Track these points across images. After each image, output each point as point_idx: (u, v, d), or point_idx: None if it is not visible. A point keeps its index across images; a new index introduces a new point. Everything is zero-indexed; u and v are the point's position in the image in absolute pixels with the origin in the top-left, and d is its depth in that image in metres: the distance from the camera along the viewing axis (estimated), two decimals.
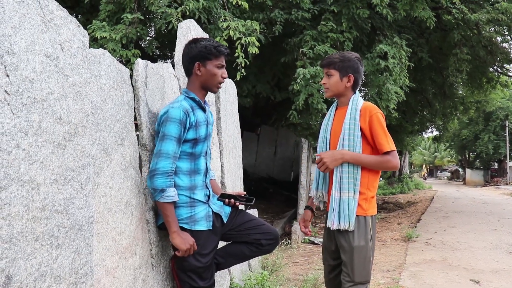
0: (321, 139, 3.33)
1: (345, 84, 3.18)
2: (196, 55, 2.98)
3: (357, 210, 3.06)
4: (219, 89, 3.13)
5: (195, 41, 3.04)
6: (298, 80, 8.49)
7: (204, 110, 3.04)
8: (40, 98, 1.82)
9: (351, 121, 3.09)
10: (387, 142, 3.03)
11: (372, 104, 3.16)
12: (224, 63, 3.04)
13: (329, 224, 3.13)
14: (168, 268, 3.11)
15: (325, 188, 3.30)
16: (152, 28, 10.17)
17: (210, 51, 2.96)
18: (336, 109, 3.31)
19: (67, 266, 1.94)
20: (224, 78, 3.04)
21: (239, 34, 7.49)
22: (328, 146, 3.25)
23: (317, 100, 8.74)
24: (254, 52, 7.61)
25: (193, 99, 2.99)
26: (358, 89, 3.26)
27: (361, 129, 3.07)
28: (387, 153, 3.04)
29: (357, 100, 3.15)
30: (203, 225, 2.94)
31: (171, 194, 2.76)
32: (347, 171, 3.07)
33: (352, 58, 3.20)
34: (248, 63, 7.73)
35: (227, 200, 3.16)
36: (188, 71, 3.05)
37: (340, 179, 3.08)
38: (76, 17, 10.03)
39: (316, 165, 3.19)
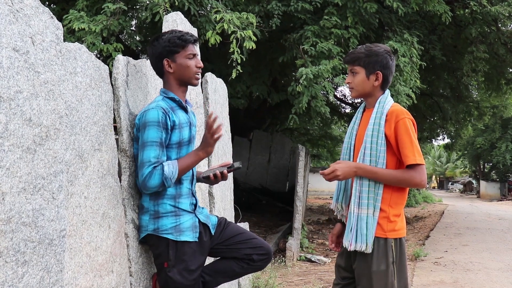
0: (345, 145, 3.21)
1: (373, 82, 3.03)
2: (161, 52, 2.99)
3: (376, 230, 2.93)
4: (198, 80, 3.11)
5: (157, 38, 3.04)
6: (301, 81, 8.45)
7: (185, 110, 3.04)
8: (7, 97, 1.80)
9: (374, 127, 2.96)
10: (413, 154, 2.86)
11: (401, 108, 3.01)
12: (195, 51, 3.04)
13: (346, 244, 3.02)
14: (149, 287, 3.09)
15: (345, 201, 3.19)
16: (134, 21, 10.14)
17: (175, 43, 2.97)
18: (364, 110, 3.17)
19: (35, 286, 1.92)
20: (199, 67, 3.05)
21: (234, 28, 7.48)
22: (352, 154, 3.13)
23: (320, 103, 8.72)
24: (250, 47, 7.60)
25: (172, 99, 2.99)
26: (388, 87, 3.11)
27: (386, 136, 2.93)
28: (412, 167, 2.88)
29: (385, 102, 3.01)
30: (189, 236, 2.93)
31: (172, 169, 2.84)
32: (367, 184, 2.94)
33: (380, 52, 3.03)
34: (244, 59, 7.71)
35: (212, 175, 3.15)
36: (159, 71, 3.06)
37: (360, 193, 2.96)
38: (49, 6, 9.99)
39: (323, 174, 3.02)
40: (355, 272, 3.05)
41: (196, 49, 3.08)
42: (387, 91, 3.10)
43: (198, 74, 3.08)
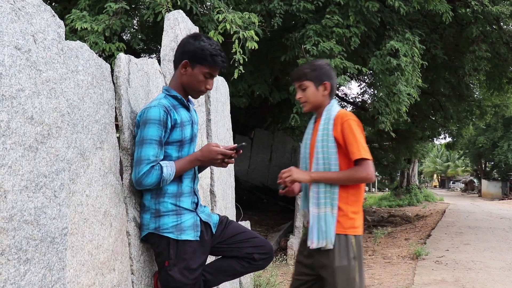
0: (302, 155, 3.38)
1: (322, 92, 3.23)
2: (188, 51, 2.96)
3: (336, 227, 3.05)
4: (199, 96, 3.13)
5: (197, 37, 3.01)
6: None
7: (187, 108, 3.03)
8: (9, 95, 1.80)
9: (324, 132, 3.12)
10: (358, 149, 3.01)
11: (346, 111, 3.20)
12: (215, 75, 3.04)
13: (308, 243, 3.14)
14: (150, 286, 3.09)
15: (307, 206, 3.27)
16: (136, 20, 10.13)
17: (205, 57, 2.94)
18: (315, 121, 3.33)
19: (37, 284, 1.92)
20: (207, 89, 3.05)
21: (236, 28, 7.46)
22: (308, 162, 3.28)
23: None
24: (253, 47, 7.58)
25: (175, 97, 2.99)
26: (334, 96, 3.31)
27: (336, 139, 3.08)
28: (358, 162, 3.02)
29: (331, 109, 3.19)
30: (190, 235, 2.93)
31: (169, 171, 2.85)
32: (323, 185, 3.09)
33: (323, 65, 3.27)
34: (246, 59, 7.69)
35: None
36: (175, 65, 3.04)
37: (317, 194, 3.10)
38: (51, 4, 9.97)
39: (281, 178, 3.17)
40: (320, 271, 3.14)
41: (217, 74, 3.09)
42: (334, 100, 3.30)
43: (203, 93, 3.10)
